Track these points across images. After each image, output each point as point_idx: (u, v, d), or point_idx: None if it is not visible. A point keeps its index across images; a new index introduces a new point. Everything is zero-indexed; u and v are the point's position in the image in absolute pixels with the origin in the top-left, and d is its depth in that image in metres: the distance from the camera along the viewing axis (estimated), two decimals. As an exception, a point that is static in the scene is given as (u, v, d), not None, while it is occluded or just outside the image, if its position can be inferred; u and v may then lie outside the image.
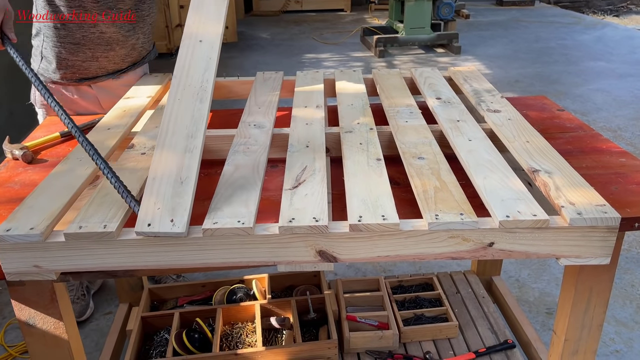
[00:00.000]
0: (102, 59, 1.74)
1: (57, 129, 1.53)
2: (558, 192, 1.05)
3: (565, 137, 1.45)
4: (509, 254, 1.00)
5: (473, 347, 1.78)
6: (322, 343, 1.72)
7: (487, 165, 1.15)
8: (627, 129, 3.95)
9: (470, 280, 2.09)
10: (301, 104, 1.52)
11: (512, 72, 5.29)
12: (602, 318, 1.23)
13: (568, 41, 6.53)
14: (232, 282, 2.04)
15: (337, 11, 8.52)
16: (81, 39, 1.69)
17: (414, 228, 0.98)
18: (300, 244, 0.97)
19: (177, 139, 1.13)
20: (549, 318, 2.13)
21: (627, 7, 9.56)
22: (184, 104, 1.20)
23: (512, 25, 7.47)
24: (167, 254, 0.98)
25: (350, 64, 5.66)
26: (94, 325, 2.15)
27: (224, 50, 6.08)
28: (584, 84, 4.95)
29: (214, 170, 1.31)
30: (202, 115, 1.18)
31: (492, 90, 1.60)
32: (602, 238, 0.99)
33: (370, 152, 1.22)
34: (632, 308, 2.17)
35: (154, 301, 2.03)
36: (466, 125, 1.35)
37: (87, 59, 1.73)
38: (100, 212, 1.01)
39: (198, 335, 1.76)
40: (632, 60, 5.65)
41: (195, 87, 1.23)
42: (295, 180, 1.10)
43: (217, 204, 1.03)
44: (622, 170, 1.26)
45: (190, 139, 1.13)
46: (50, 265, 0.98)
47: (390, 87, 1.65)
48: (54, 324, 1.12)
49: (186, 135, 1.14)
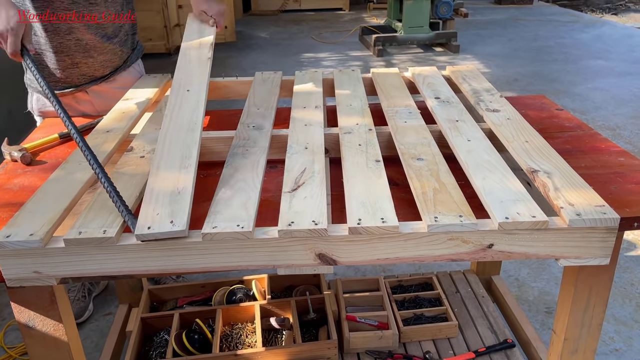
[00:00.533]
0: (82, 65, 1.73)
1: (55, 130, 1.53)
2: (557, 193, 1.05)
3: (564, 137, 1.45)
4: (509, 255, 1.00)
5: (473, 346, 1.78)
6: (322, 343, 1.72)
7: (486, 165, 1.15)
8: (626, 128, 3.95)
9: (469, 280, 2.09)
10: (300, 104, 1.52)
11: (511, 71, 5.29)
12: (602, 317, 1.23)
13: (567, 40, 6.53)
14: (232, 282, 2.04)
15: (336, 10, 8.52)
16: (58, 47, 1.67)
17: (413, 230, 0.98)
18: (300, 247, 0.97)
19: (173, 160, 1.16)
20: (548, 317, 2.13)
21: (625, 5, 9.56)
22: (176, 136, 1.24)
23: (511, 23, 7.47)
24: (168, 259, 0.98)
25: (349, 63, 5.66)
26: (93, 326, 2.15)
27: (223, 50, 6.09)
28: (583, 82, 4.95)
29: (214, 172, 1.31)
30: (195, 141, 1.21)
31: (491, 89, 1.60)
32: (601, 239, 0.99)
33: (370, 153, 1.22)
34: (631, 307, 2.18)
35: (154, 302, 2.03)
36: (465, 125, 1.35)
37: (67, 67, 1.71)
38: (99, 217, 1.01)
39: (198, 336, 1.76)
40: (631, 59, 5.65)
41: (186, 123, 1.28)
42: (294, 183, 1.10)
43: (216, 207, 1.03)
44: (621, 169, 1.26)
45: (185, 159, 1.16)
46: (51, 271, 0.98)
47: (389, 86, 1.65)
48: (54, 325, 1.12)
49: (181, 156, 1.16)
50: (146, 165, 1.20)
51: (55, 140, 1.48)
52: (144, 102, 1.59)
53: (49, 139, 1.47)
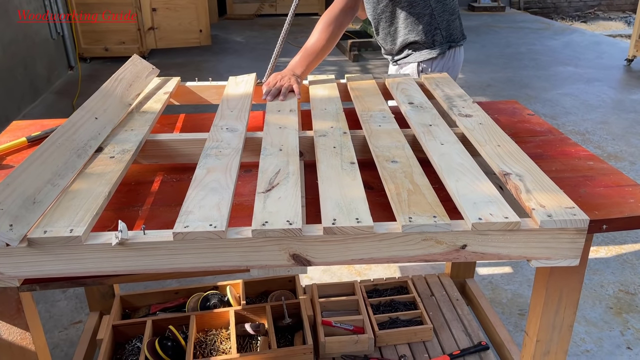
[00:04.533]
0: None
1: (23, 133, 1.49)
2: (529, 195, 1.06)
3: (536, 141, 1.47)
4: (482, 256, 1.01)
5: (447, 349, 1.79)
6: (297, 348, 1.71)
7: (459, 168, 1.16)
8: (595, 133, 4.04)
9: (444, 283, 2.10)
10: (274, 108, 1.51)
11: (484, 77, 5.37)
12: (573, 319, 1.25)
13: (538, 46, 6.67)
14: (206, 288, 2.02)
15: (312, 15, 8.54)
16: None
17: (387, 231, 0.98)
18: (274, 247, 0.97)
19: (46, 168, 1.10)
20: (521, 319, 2.16)
21: (594, 14, 9.82)
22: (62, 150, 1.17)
23: (484, 30, 7.60)
24: (137, 259, 0.96)
25: (324, 68, 5.67)
26: (63, 335, 2.10)
27: (198, 54, 6.05)
28: (553, 88, 5.06)
29: (186, 176, 1.29)
30: (75, 167, 1.15)
31: (464, 95, 1.62)
32: (571, 240, 1.01)
33: (344, 155, 1.22)
34: (601, 308, 2.22)
35: (126, 309, 1.99)
36: (438, 130, 1.36)
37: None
38: (66, 216, 0.98)
39: (171, 343, 1.73)
40: (598, 66, 5.80)
41: (78, 145, 1.22)
42: (268, 184, 1.09)
43: (188, 207, 1.01)
44: (590, 173, 1.28)
45: (57, 177, 1.09)
46: (13, 271, 0.95)
47: (364, 92, 1.65)
48: (20, 334, 1.09)
49: (55, 171, 1.11)
50: (115, 165, 1.18)
51: (23, 144, 1.44)
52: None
53: (16, 143, 1.43)
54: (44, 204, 1.01)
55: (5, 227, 0.91)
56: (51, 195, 1.03)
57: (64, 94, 4.75)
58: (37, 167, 1.10)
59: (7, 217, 0.93)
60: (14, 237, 0.91)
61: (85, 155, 1.20)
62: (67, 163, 1.15)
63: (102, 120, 1.36)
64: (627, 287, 2.34)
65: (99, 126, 1.33)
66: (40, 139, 1.47)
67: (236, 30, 7.54)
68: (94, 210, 1.00)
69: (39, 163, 1.11)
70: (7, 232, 0.90)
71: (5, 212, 0.94)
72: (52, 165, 1.12)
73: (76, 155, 1.19)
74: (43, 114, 4.28)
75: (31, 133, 1.47)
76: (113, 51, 5.69)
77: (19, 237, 0.91)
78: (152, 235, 0.96)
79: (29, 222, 0.95)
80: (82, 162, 1.17)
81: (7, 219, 0.93)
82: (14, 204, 0.97)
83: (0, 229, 0.90)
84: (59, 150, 1.18)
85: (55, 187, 1.07)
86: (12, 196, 0.98)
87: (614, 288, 2.34)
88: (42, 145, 1.17)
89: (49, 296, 2.29)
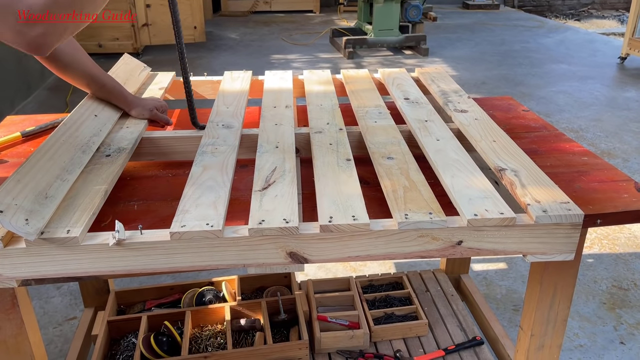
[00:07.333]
0: None
1: (17, 128, 1.48)
2: (524, 190, 1.07)
3: (530, 137, 1.48)
4: (477, 252, 1.02)
5: (442, 344, 1.80)
6: (292, 344, 1.71)
7: (454, 164, 1.16)
8: (589, 130, 4.06)
9: (439, 279, 2.11)
10: (270, 104, 1.51)
11: (479, 74, 5.38)
12: (567, 313, 1.26)
13: (532, 44, 6.68)
14: (201, 284, 2.02)
15: (306, 12, 8.53)
16: None
17: (384, 228, 0.98)
18: (271, 245, 0.97)
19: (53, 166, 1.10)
20: (515, 314, 2.17)
21: (588, 12, 9.86)
22: (66, 147, 1.19)
23: (478, 28, 7.61)
24: (134, 259, 0.96)
25: (319, 65, 5.66)
26: (57, 331, 2.09)
27: (193, 51, 6.02)
28: (547, 85, 5.07)
29: (182, 171, 1.29)
30: (82, 163, 1.16)
31: (459, 90, 1.63)
32: (566, 235, 1.02)
33: (340, 152, 1.22)
34: (595, 303, 2.24)
35: (121, 305, 1.99)
36: (434, 125, 1.36)
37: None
38: (64, 217, 0.98)
39: (167, 339, 1.73)
40: (592, 63, 5.82)
41: (81, 142, 1.23)
42: (264, 182, 1.09)
43: (184, 206, 1.01)
44: (584, 168, 1.29)
45: (65, 172, 1.10)
46: (11, 272, 0.95)
47: (359, 87, 1.65)
48: (15, 330, 1.08)
49: (63, 167, 1.11)
50: (111, 164, 1.18)
51: (17, 139, 1.44)
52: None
53: (11, 138, 1.43)
54: (56, 198, 1.01)
55: (22, 221, 0.91)
56: (62, 190, 1.04)
57: (58, 90, 4.72)
58: (45, 163, 1.10)
59: (22, 212, 0.93)
60: (31, 231, 0.91)
61: (89, 152, 1.21)
62: (73, 159, 1.16)
63: (101, 118, 1.36)
64: (620, 283, 2.36)
65: (100, 123, 1.33)
66: (35, 133, 1.47)
67: (231, 27, 7.52)
68: (91, 211, 1.00)
69: (46, 159, 1.12)
70: (23, 226, 0.90)
71: (20, 208, 0.94)
72: (59, 161, 1.13)
73: (81, 151, 1.20)
74: (36, 110, 4.25)
75: (25, 128, 1.47)
76: (107, 47, 5.65)
77: (36, 231, 0.91)
78: (149, 235, 0.96)
79: (44, 216, 0.95)
80: (87, 157, 1.18)
81: (22, 214, 0.93)
82: (26, 199, 0.97)
83: (17, 223, 0.90)
84: (64, 147, 1.18)
85: (65, 182, 1.07)
86: (24, 192, 0.98)
87: (607, 284, 2.36)
88: (46, 142, 1.18)
89: (43, 292, 2.29)
